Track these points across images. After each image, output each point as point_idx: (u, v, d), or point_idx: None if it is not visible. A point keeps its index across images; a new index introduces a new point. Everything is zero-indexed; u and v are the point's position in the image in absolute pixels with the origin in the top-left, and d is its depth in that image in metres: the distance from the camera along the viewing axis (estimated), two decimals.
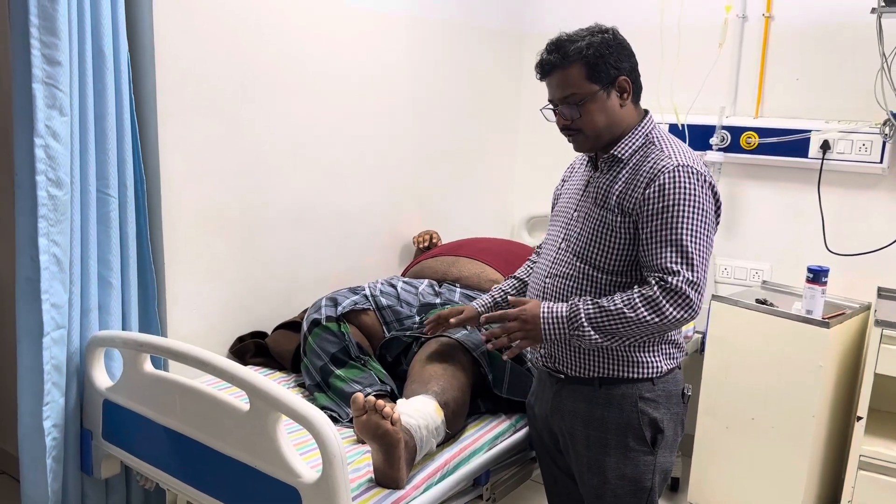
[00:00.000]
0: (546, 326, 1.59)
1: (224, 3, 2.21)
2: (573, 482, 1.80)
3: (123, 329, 2.03)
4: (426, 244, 2.95)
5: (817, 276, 2.41)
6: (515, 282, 2.00)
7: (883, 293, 2.58)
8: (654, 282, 1.54)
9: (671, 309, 1.52)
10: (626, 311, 1.54)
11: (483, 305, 1.98)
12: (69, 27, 1.77)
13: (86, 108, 1.86)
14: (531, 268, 1.98)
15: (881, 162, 2.57)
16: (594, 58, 1.60)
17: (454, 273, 2.55)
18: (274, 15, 2.36)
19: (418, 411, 1.78)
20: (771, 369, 2.42)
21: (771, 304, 2.51)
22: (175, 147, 2.14)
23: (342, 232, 2.74)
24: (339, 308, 2.24)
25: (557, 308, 1.59)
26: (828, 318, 2.39)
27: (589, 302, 1.57)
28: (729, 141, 2.85)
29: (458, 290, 2.45)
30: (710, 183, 1.59)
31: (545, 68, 1.66)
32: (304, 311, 2.37)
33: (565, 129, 1.67)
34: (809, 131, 2.69)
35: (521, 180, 3.57)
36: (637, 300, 1.53)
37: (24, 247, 1.80)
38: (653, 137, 1.65)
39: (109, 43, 1.89)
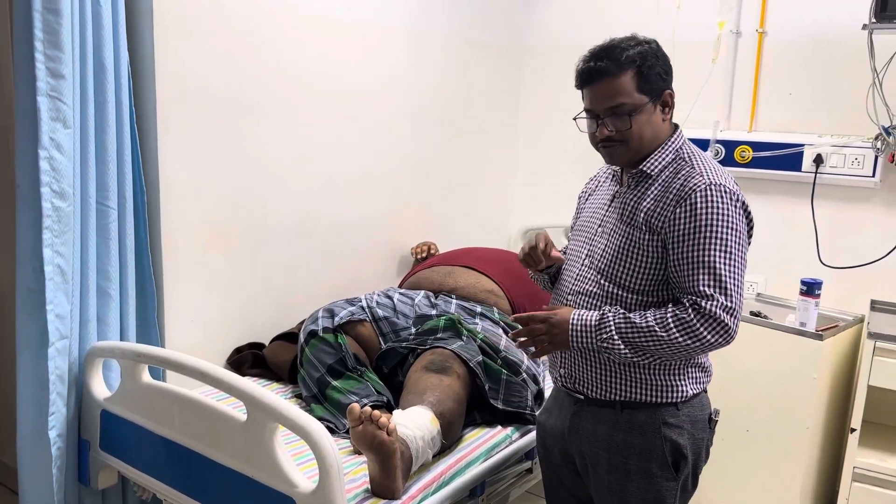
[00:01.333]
0: (574, 334, 1.54)
1: (224, 17, 2.24)
2: (579, 503, 1.75)
3: (122, 340, 2.04)
4: (424, 255, 2.96)
5: (811, 288, 2.44)
6: None
7: (876, 306, 2.60)
8: (687, 304, 1.48)
9: (706, 333, 1.46)
10: (657, 329, 1.48)
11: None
12: (72, 41, 1.79)
13: (87, 121, 1.89)
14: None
15: (873, 176, 2.60)
16: (646, 68, 1.53)
17: (450, 283, 2.56)
18: (274, 29, 2.39)
19: (414, 422, 1.79)
20: (765, 381, 2.44)
21: (765, 317, 2.53)
22: (175, 159, 2.16)
23: (340, 243, 2.76)
24: (336, 319, 2.25)
25: (587, 316, 1.54)
26: (821, 330, 2.41)
27: (620, 314, 1.52)
28: (723, 155, 2.88)
29: (455, 300, 2.46)
30: (742, 202, 1.54)
31: (593, 74, 1.54)
32: (302, 323, 2.38)
33: (606, 141, 1.58)
34: (803, 145, 2.72)
35: (518, 192, 3.59)
36: (670, 321, 1.48)
37: (25, 258, 1.81)
38: (683, 153, 1.59)
39: (111, 56, 1.91)
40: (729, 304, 1.46)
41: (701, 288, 1.47)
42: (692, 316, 1.47)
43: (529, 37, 3.42)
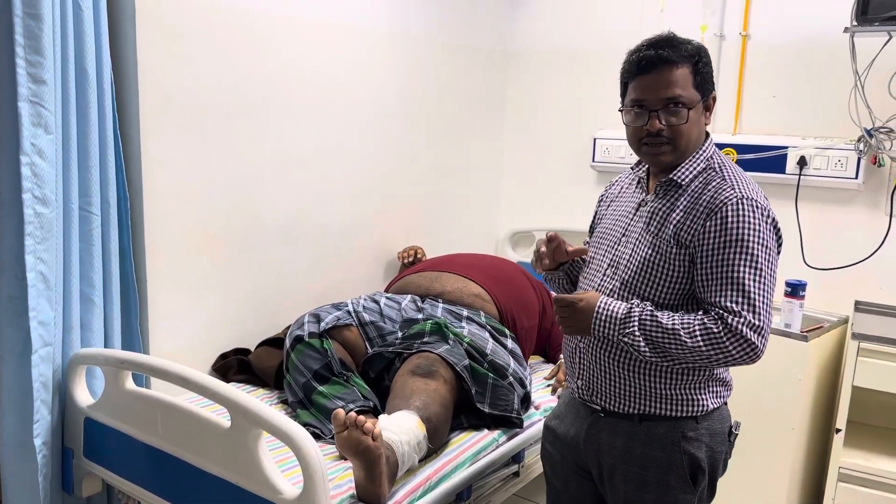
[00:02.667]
0: (598, 322, 1.50)
1: (209, 21, 2.23)
2: None
3: (105, 347, 2.02)
4: (411, 259, 2.96)
5: (795, 290, 2.45)
6: None
7: (860, 307, 2.62)
8: (715, 316, 1.44)
9: (732, 349, 1.43)
10: (681, 333, 1.44)
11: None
12: (53, 46, 1.78)
13: (69, 126, 1.87)
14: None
15: (856, 177, 2.62)
16: (702, 65, 1.50)
17: (437, 288, 2.56)
18: (260, 33, 2.38)
19: (400, 427, 1.79)
20: (750, 383, 2.43)
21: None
22: (159, 164, 2.15)
23: (327, 248, 2.76)
24: (322, 324, 2.25)
25: (614, 307, 1.50)
26: (806, 331, 2.42)
27: (648, 311, 1.48)
28: None
29: (441, 305, 2.46)
30: (773, 218, 1.49)
31: (654, 62, 1.49)
32: (288, 328, 2.37)
33: (654, 137, 1.52)
34: (786, 147, 2.74)
35: (506, 196, 3.60)
36: (697, 329, 1.44)
37: (7, 264, 1.80)
38: (713, 163, 1.54)
39: (92, 61, 1.90)
40: (756, 323, 1.42)
41: (728, 304, 1.43)
42: (720, 328, 1.43)
43: (515, 41, 3.44)
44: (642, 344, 1.47)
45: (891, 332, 2.36)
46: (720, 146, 2.81)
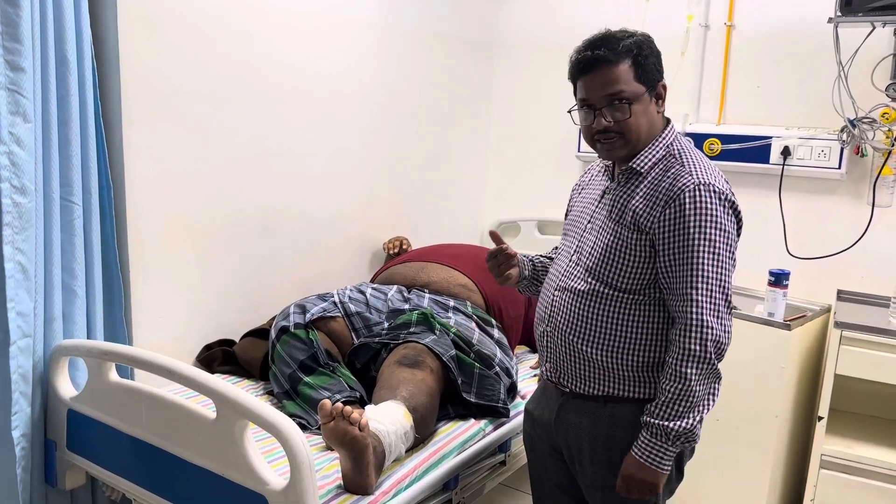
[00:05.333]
0: (652, 462, 1.51)
1: (192, 10, 2.20)
2: (561, 492, 1.76)
3: (88, 338, 2.00)
4: (396, 250, 2.95)
5: (779, 279, 2.47)
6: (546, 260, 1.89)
7: (842, 295, 2.64)
8: (675, 333, 1.49)
9: (700, 350, 1.46)
10: (680, 388, 1.47)
11: (525, 264, 1.86)
12: (32, 33, 1.75)
13: (49, 115, 1.85)
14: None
15: (839, 168, 2.64)
16: (643, 57, 1.52)
17: (423, 278, 2.55)
18: (243, 22, 2.35)
19: (386, 417, 1.79)
20: (734, 371, 2.43)
21: (733, 307, 2.55)
22: (141, 154, 2.13)
23: (312, 239, 2.74)
24: (308, 315, 2.24)
25: (649, 446, 1.50)
26: (789, 320, 2.44)
27: (653, 411, 1.50)
28: None
29: (427, 295, 2.46)
30: (732, 201, 1.52)
31: (591, 63, 1.52)
32: (273, 319, 2.36)
33: (603, 133, 1.55)
34: (770, 138, 2.75)
35: (491, 187, 3.60)
36: (677, 368, 1.47)
37: None
38: (674, 149, 1.57)
39: (73, 49, 1.87)
40: (712, 307, 1.47)
41: (687, 290, 1.47)
42: (676, 359, 1.47)
43: (501, 32, 3.43)
44: (683, 424, 1.48)
45: (873, 320, 2.38)
46: (705, 136, 2.87)
